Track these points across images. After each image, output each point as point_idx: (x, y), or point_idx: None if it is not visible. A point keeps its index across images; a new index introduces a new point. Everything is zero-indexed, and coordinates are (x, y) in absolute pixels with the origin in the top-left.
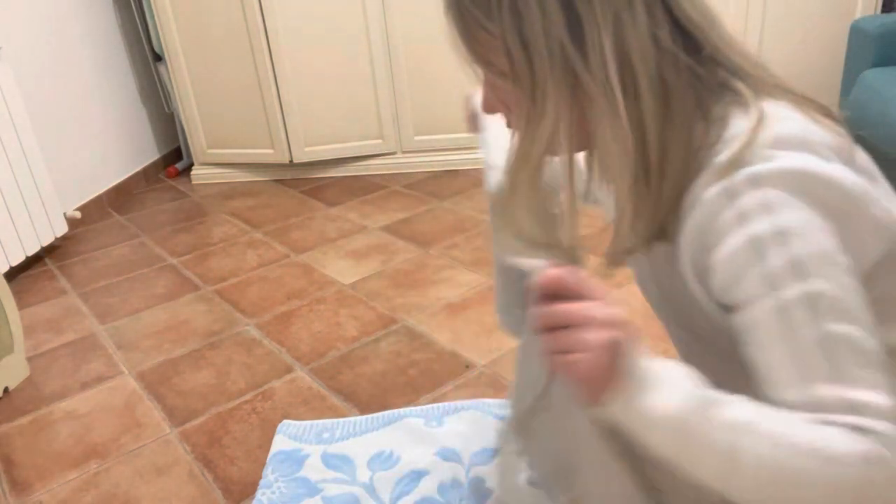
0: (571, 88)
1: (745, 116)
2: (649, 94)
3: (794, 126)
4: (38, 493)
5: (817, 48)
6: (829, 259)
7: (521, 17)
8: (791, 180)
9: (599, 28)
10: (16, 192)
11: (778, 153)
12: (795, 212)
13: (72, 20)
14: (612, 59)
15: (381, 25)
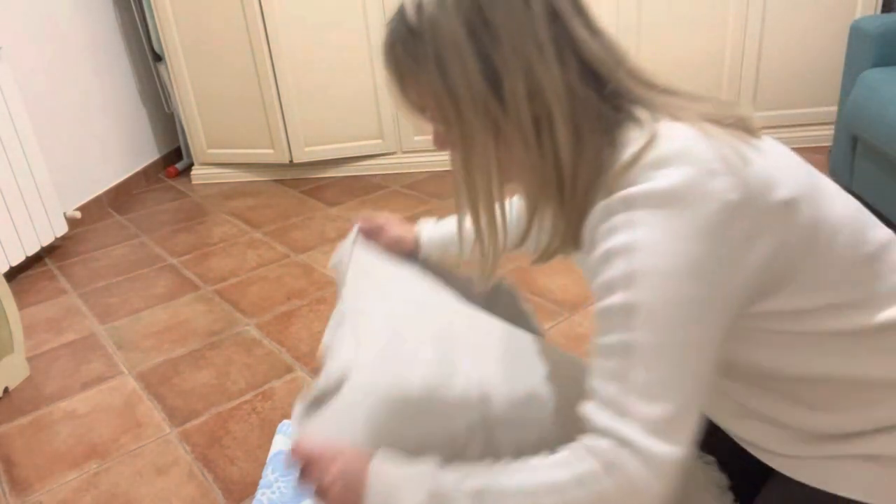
0: (494, 129)
1: (639, 140)
2: (563, 129)
3: (676, 145)
4: (38, 493)
5: (817, 48)
6: (665, 275)
7: (445, 70)
8: (659, 200)
9: (513, 77)
10: (16, 192)
11: (656, 173)
12: (651, 230)
13: (72, 20)
14: (526, 103)
15: (382, 25)
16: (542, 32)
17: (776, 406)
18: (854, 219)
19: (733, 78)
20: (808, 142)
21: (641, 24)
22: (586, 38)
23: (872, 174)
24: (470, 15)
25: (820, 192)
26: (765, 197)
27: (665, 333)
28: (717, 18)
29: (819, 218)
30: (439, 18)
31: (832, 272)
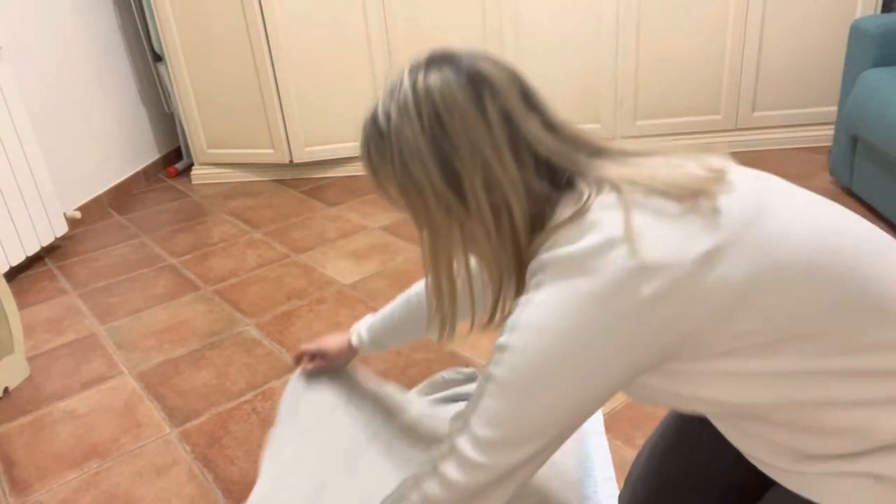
0: (458, 222)
1: (570, 216)
2: (520, 216)
3: (590, 217)
4: (38, 493)
5: (817, 48)
6: (540, 329)
7: (409, 172)
8: (560, 266)
9: (472, 177)
10: (16, 192)
11: (568, 242)
12: (545, 291)
13: (72, 20)
14: (486, 199)
15: (382, 26)
16: (497, 135)
17: (774, 431)
18: (812, 255)
19: (733, 78)
20: (808, 142)
21: (641, 24)
22: (541, 136)
23: (872, 174)
24: (430, 123)
25: (763, 235)
26: (664, 270)
27: (519, 376)
28: (717, 18)
29: (754, 267)
30: (403, 126)
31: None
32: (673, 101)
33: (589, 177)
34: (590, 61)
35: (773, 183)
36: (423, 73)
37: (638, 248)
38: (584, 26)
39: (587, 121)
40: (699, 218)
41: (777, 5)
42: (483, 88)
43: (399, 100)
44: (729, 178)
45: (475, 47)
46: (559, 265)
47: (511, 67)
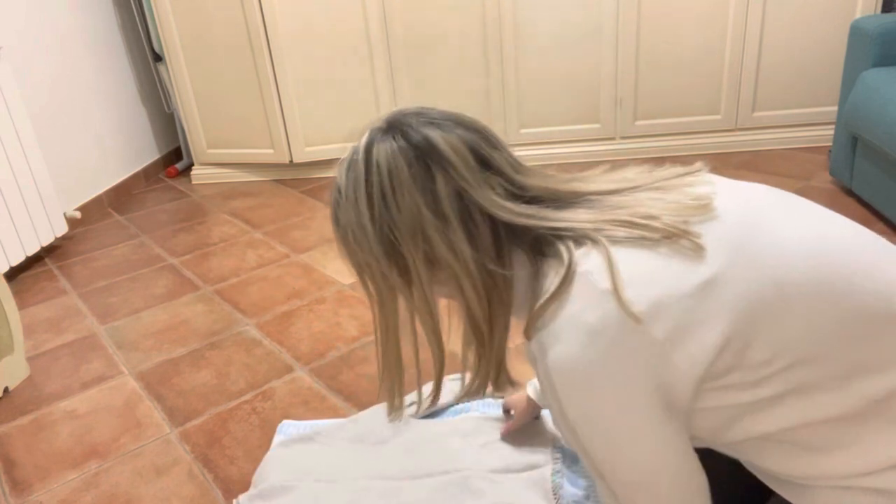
0: (403, 297)
1: (553, 278)
2: (472, 294)
3: (575, 306)
4: (38, 493)
5: (817, 48)
6: (590, 419)
7: (354, 249)
8: (567, 360)
9: (415, 259)
10: (16, 192)
11: (560, 329)
12: (573, 405)
13: (72, 21)
14: (427, 278)
15: (381, 26)
16: (444, 212)
17: (781, 449)
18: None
19: (733, 78)
20: (808, 142)
21: (641, 24)
22: (500, 202)
23: (872, 174)
24: (376, 202)
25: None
26: (665, 309)
27: (620, 459)
28: (717, 18)
29: (751, 296)
30: (352, 204)
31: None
32: (673, 101)
33: (565, 233)
34: (590, 61)
35: (762, 201)
36: (378, 142)
37: (632, 296)
38: (584, 26)
39: (587, 121)
40: (688, 251)
41: (777, 5)
42: (432, 162)
43: (353, 174)
44: (714, 204)
45: (437, 109)
46: (557, 341)
47: (470, 129)
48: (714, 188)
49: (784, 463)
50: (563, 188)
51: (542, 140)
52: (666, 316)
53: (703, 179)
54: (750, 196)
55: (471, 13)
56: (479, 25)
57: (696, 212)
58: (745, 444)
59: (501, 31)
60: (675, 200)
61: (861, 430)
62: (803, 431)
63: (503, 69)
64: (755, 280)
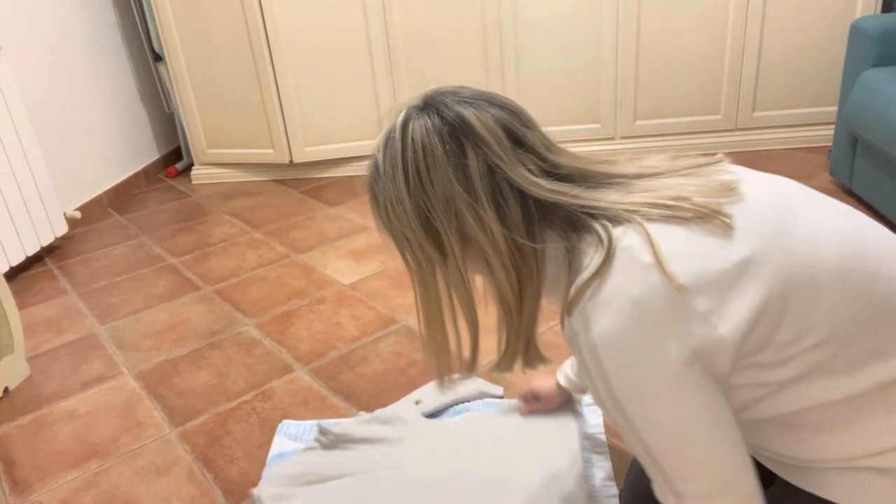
0: (440, 270)
1: (594, 255)
2: (501, 270)
3: (619, 280)
4: (38, 493)
5: (817, 48)
6: (639, 386)
7: (393, 223)
8: (614, 332)
9: (448, 234)
10: (16, 192)
11: (602, 305)
12: (618, 375)
13: (71, 20)
14: (461, 254)
15: (382, 25)
16: (475, 189)
17: (787, 431)
18: (844, 260)
19: (733, 78)
20: (808, 142)
21: (641, 24)
22: (532, 179)
23: (872, 174)
24: (413, 177)
25: (788, 244)
26: (709, 283)
27: (661, 433)
28: (717, 18)
29: (786, 273)
30: (390, 179)
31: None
32: (673, 101)
33: (599, 212)
34: (590, 61)
35: (786, 188)
36: (413, 120)
37: (675, 269)
38: (584, 27)
39: (587, 121)
40: (721, 230)
41: (777, 5)
42: (465, 139)
43: (390, 150)
44: (741, 190)
45: (470, 87)
46: (602, 313)
47: (503, 108)
48: (738, 176)
49: (790, 445)
50: (594, 169)
51: None
52: (708, 288)
53: (726, 169)
54: (777, 184)
55: (471, 13)
56: (479, 25)
57: (724, 195)
58: (756, 425)
59: (501, 30)
60: (703, 184)
61: (867, 414)
62: (813, 413)
63: (503, 69)
64: (790, 263)
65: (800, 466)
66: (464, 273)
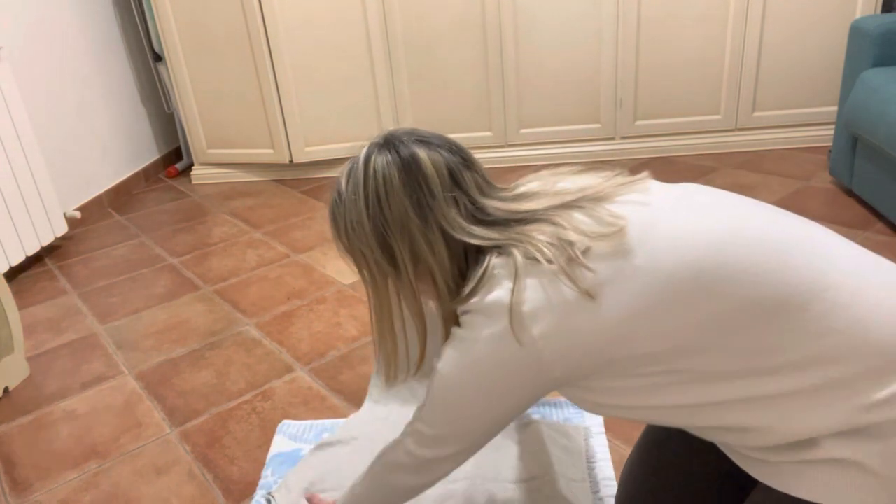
0: (393, 284)
1: (476, 278)
2: (443, 283)
3: (492, 293)
4: (37, 493)
5: (817, 48)
6: (460, 368)
7: (354, 243)
8: (467, 327)
9: (401, 251)
10: (16, 192)
11: (475, 311)
12: (453, 351)
13: (72, 21)
14: (412, 269)
15: (381, 25)
16: (425, 216)
17: (722, 427)
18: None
19: (733, 78)
20: (808, 142)
21: (641, 24)
22: (457, 221)
23: (872, 174)
24: (372, 202)
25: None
26: (547, 313)
27: (444, 397)
28: (717, 18)
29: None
30: (352, 200)
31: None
32: (673, 101)
33: (496, 245)
34: (590, 61)
35: (664, 200)
36: (375, 154)
37: (522, 298)
38: (585, 26)
39: (587, 121)
40: (577, 268)
41: (777, 5)
42: (416, 175)
43: (353, 178)
44: (625, 227)
45: (430, 132)
46: (468, 316)
47: (455, 152)
48: (645, 197)
49: (733, 436)
50: (515, 208)
51: (542, 140)
52: (542, 319)
53: (642, 188)
54: (663, 197)
55: (471, 13)
56: (479, 25)
57: (605, 239)
58: (682, 411)
59: (501, 30)
60: (597, 222)
61: (778, 405)
62: (722, 409)
63: (503, 69)
64: (638, 289)
65: (761, 460)
66: (415, 285)
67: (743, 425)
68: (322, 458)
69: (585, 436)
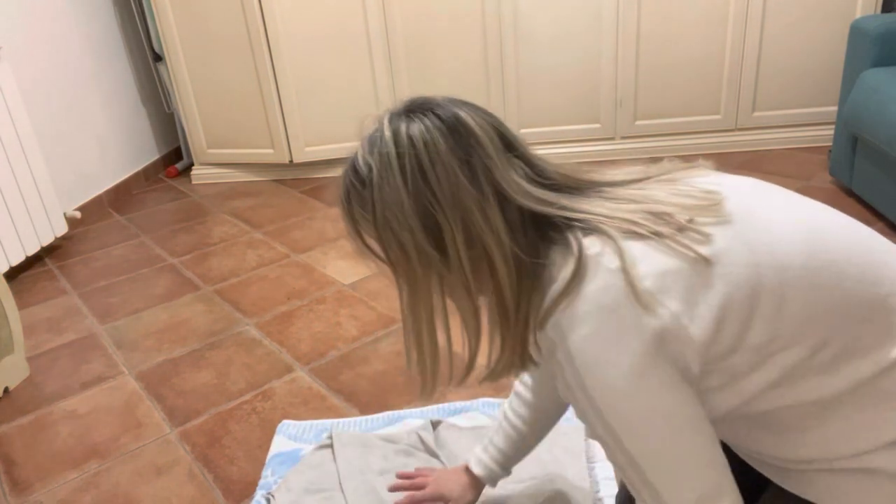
0: (437, 276)
1: (564, 265)
2: (504, 269)
3: (595, 284)
4: (38, 493)
5: (817, 48)
6: (620, 391)
7: (391, 226)
8: (584, 338)
9: (453, 232)
10: (16, 192)
11: (579, 309)
12: (586, 356)
13: (72, 20)
14: (466, 253)
15: (381, 25)
16: (481, 188)
17: (759, 434)
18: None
19: (733, 78)
20: (808, 142)
21: (641, 24)
22: (524, 186)
23: (872, 174)
24: (412, 175)
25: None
26: (672, 286)
27: (651, 435)
28: (717, 18)
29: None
30: (384, 179)
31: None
32: (673, 101)
33: (575, 222)
34: (590, 61)
35: (747, 187)
36: (404, 122)
37: (641, 273)
38: (585, 26)
39: (587, 121)
40: (689, 238)
41: (777, 5)
42: (466, 138)
43: (381, 151)
44: (722, 199)
45: (453, 95)
46: (577, 323)
47: (491, 114)
48: (721, 186)
49: (770, 444)
50: (579, 176)
51: (542, 140)
52: (672, 289)
53: (706, 174)
54: (740, 184)
55: (471, 14)
56: (479, 25)
57: (705, 211)
58: (733, 425)
59: (501, 30)
60: (685, 194)
61: (841, 413)
62: (790, 412)
63: (503, 69)
64: (756, 263)
65: (784, 468)
66: (468, 275)
67: (803, 430)
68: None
69: (585, 436)
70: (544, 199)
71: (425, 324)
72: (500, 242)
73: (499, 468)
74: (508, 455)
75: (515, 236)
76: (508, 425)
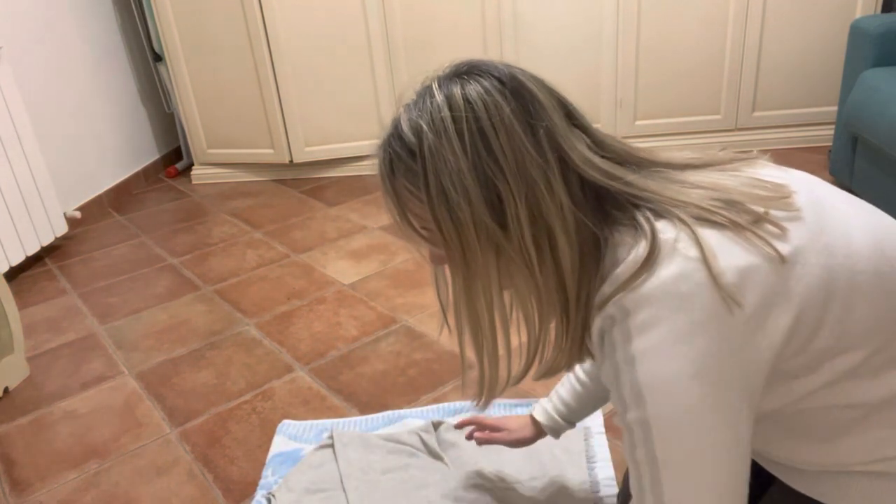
0: (496, 252)
1: (634, 246)
2: (566, 248)
3: (670, 270)
4: (38, 493)
5: (817, 48)
6: (670, 382)
7: (447, 197)
8: (650, 314)
9: (516, 203)
10: (16, 192)
11: (647, 292)
12: (647, 340)
13: (72, 20)
14: (528, 227)
15: (381, 25)
16: (546, 157)
17: (785, 440)
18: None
19: (733, 78)
20: (808, 142)
21: (641, 24)
22: (589, 157)
23: (872, 174)
24: (472, 142)
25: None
26: (752, 280)
27: (679, 445)
28: (717, 18)
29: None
30: (440, 145)
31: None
32: (673, 101)
33: (643, 203)
34: (590, 61)
35: (814, 185)
36: (458, 84)
37: (722, 267)
38: (585, 26)
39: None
40: (766, 231)
41: (777, 5)
42: (529, 102)
43: (433, 116)
44: (792, 193)
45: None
46: (644, 305)
47: (548, 82)
48: (786, 178)
49: (791, 449)
50: (638, 153)
51: None
52: (752, 288)
53: (766, 165)
54: (808, 181)
55: (471, 14)
56: (478, 26)
57: (777, 204)
58: (762, 430)
59: (501, 31)
60: (756, 185)
61: (874, 420)
62: (825, 415)
63: None
64: (830, 266)
65: (796, 468)
66: (531, 250)
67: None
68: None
69: (585, 436)
70: (610, 172)
71: (485, 312)
72: (563, 217)
73: (560, 417)
74: (572, 407)
75: (580, 211)
76: (575, 379)
